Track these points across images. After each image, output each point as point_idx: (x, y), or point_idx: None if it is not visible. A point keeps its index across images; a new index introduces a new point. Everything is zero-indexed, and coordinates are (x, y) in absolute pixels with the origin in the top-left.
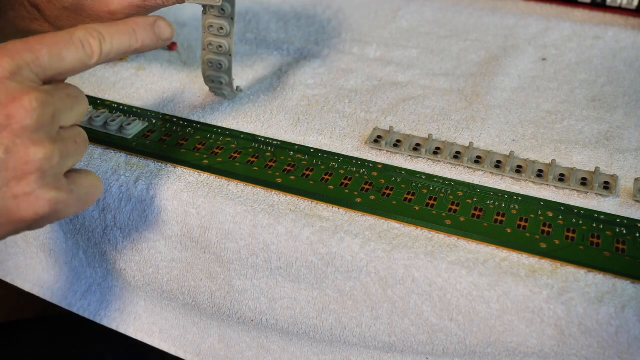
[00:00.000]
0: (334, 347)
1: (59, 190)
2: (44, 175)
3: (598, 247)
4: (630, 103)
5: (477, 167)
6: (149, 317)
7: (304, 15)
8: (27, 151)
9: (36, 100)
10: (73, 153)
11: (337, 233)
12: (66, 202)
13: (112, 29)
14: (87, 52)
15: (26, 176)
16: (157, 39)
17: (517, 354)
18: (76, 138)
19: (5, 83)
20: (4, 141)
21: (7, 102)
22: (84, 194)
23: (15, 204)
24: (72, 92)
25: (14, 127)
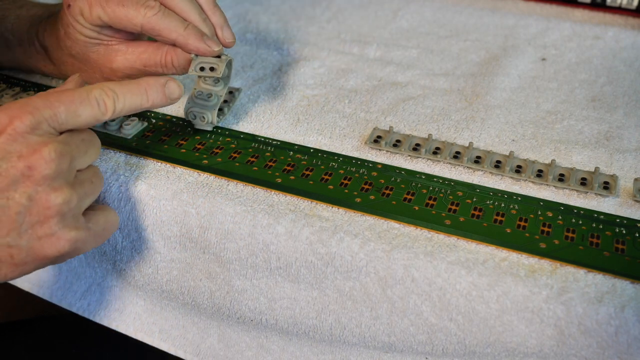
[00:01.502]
0: (334, 347)
1: (78, 229)
2: (63, 218)
3: (598, 247)
4: (630, 103)
5: (477, 167)
6: (149, 317)
7: (304, 16)
8: (48, 197)
9: (54, 151)
10: (90, 192)
11: (337, 233)
12: (84, 239)
13: (125, 89)
14: (101, 109)
15: (48, 220)
16: (167, 99)
17: (516, 354)
18: (92, 178)
19: (26, 137)
20: (27, 190)
21: (28, 154)
22: (101, 229)
23: (39, 245)
24: (86, 136)
25: (35, 177)
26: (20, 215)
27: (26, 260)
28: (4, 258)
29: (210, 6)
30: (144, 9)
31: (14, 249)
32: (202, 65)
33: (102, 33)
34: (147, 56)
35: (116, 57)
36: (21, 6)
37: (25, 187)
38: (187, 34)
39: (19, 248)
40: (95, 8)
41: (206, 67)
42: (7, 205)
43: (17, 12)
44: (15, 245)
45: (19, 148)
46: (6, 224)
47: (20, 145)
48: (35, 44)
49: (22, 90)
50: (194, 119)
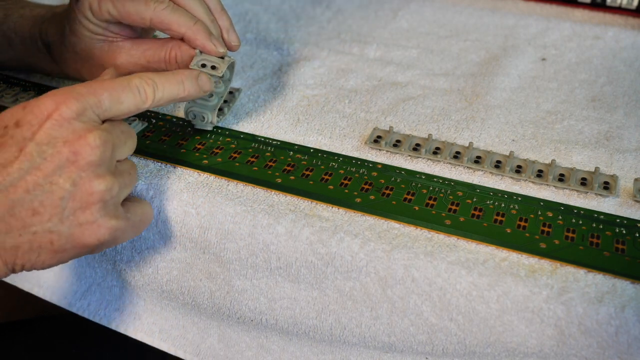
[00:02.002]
0: (334, 347)
1: (118, 218)
2: (105, 205)
3: (598, 247)
4: (630, 103)
5: (477, 167)
6: (149, 317)
7: (304, 15)
8: (91, 184)
9: (99, 138)
10: (128, 183)
11: (337, 233)
12: (124, 229)
13: (163, 78)
14: (142, 97)
15: (90, 206)
16: (200, 89)
17: (516, 354)
18: (130, 170)
19: (72, 123)
20: (71, 175)
21: (73, 140)
22: (138, 220)
23: (80, 232)
24: (125, 128)
25: (80, 163)
26: (64, 201)
27: (65, 247)
28: (44, 244)
29: (218, 9)
30: (154, 3)
31: (54, 235)
32: (204, 62)
33: (108, 29)
34: (151, 53)
35: (120, 54)
36: (24, 6)
37: (69, 172)
38: (197, 29)
39: (59, 234)
40: (105, 3)
41: (208, 65)
42: (51, 190)
43: (20, 12)
44: (56, 231)
45: (64, 133)
46: (49, 208)
47: (65, 131)
48: (37, 43)
49: (22, 90)
50: (194, 119)
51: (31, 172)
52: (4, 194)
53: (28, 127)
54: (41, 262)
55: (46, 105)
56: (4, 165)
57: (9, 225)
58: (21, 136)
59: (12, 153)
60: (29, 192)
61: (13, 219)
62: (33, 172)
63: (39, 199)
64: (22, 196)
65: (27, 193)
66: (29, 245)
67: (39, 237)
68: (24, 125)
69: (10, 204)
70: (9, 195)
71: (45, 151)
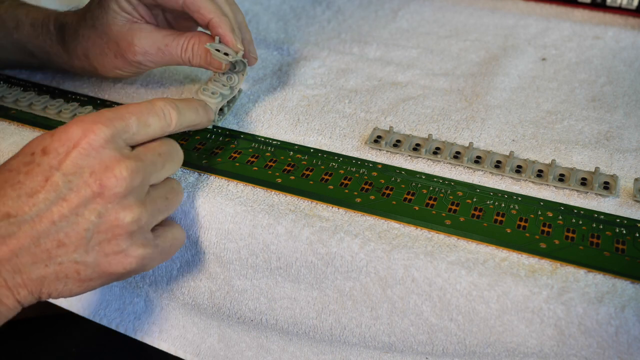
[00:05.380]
0: (334, 347)
1: (145, 247)
2: (132, 235)
3: (598, 247)
4: (630, 103)
5: (477, 167)
6: (149, 317)
7: (304, 16)
8: (117, 216)
9: (126, 169)
10: (163, 209)
11: (337, 233)
12: (152, 257)
13: (183, 103)
14: (167, 120)
15: (116, 237)
16: (209, 120)
17: (516, 354)
18: (167, 194)
19: (99, 151)
20: (97, 207)
21: (100, 171)
22: (168, 246)
23: (106, 262)
24: (164, 149)
25: (106, 195)
26: (89, 232)
27: (92, 277)
28: (70, 274)
29: (244, 24)
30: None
31: (80, 265)
32: (219, 48)
33: (137, 10)
34: (171, 39)
35: (140, 34)
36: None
37: (95, 204)
38: (224, 19)
39: (85, 264)
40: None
41: (222, 51)
42: (77, 222)
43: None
44: (82, 262)
45: (91, 163)
46: (74, 240)
47: (92, 160)
48: (49, 25)
49: (22, 90)
50: None
51: (57, 203)
52: (30, 224)
53: (55, 155)
54: (68, 290)
55: (74, 132)
56: (29, 195)
57: (34, 256)
58: (48, 164)
59: (38, 182)
60: (54, 224)
61: (39, 250)
62: (59, 203)
63: (64, 230)
64: (48, 227)
65: (53, 224)
66: (55, 275)
67: (64, 268)
68: (50, 152)
69: (35, 235)
70: (34, 226)
71: (71, 181)
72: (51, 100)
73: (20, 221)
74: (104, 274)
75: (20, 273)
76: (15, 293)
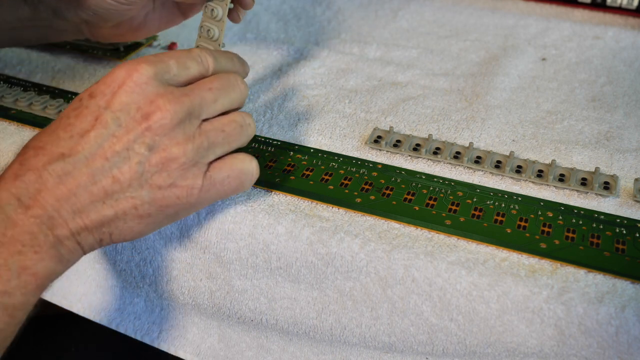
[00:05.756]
0: (334, 347)
1: (196, 178)
2: (182, 167)
3: (598, 247)
4: (630, 103)
5: (477, 167)
6: (149, 317)
7: (304, 16)
8: (167, 148)
9: (169, 102)
10: (221, 142)
11: (337, 233)
12: (205, 188)
13: (219, 52)
14: (205, 65)
15: (167, 169)
16: (244, 70)
17: (516, 354)
18: (224, 127)
19: (144, 88)
20: (146, 140)
21: (146, 105)
22: (225, 176)
23: (160, 195)
24: (216, 84)
25: (153, 127)
26: (141, 166)
27: (149, 212)
28: (128, 210)
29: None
30: None
31: (136, 200)
32: None
33: None
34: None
35: None
36: None
37: (144, 138)
38: None
39: (141, 199)
40: None
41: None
42: (128, 157)
43: None
44: (138, 196)
45: (137, 99)
46: (128, 175)
47: (138, 97)
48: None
49: (22, 90)
50: None
51: (108, 140)
52: (84, 163)
53: (102, 96)
54: (129, 229)
55: (118, 74)
56: (81, 135)
57: (92, 194)
58: (96, 105)
59: (88, 122)
60: (107, 160)
61: (95, 188)
62: (110, 140)
63: (118, 166)
64: (102, 164)
65: (106, 161)
66: (114, 212)
67: (122, 204)
68: (97, 95)
69: (91, 173)
70: (89, 164)
71: (119, 118)
72: (51, 100)
73: (75, 160)
74: (160, 209)
75: (79, 213)
76: (76, 234)
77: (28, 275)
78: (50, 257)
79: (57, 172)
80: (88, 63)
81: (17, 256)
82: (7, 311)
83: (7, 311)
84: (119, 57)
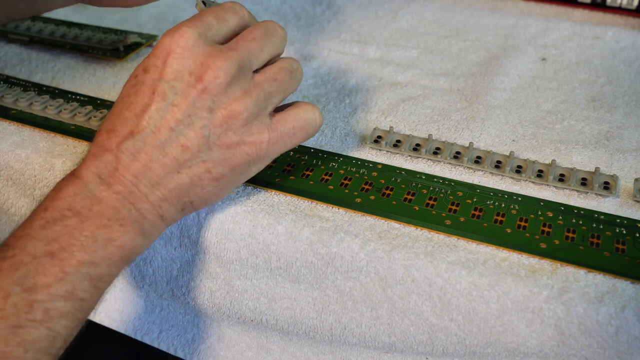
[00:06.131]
0: (334, 347)
1: (262, 132)
2: (246, 123)
3: (598, 247)
4: (630, 103)
5: (477, 167)
6: (149, 317)
7: (304, 16)
8: (227, 106)
9: (220, 60)
10: (275, 91)
11: (337, 233)
12: (273, 140)
13: None
14: (240, 14)
15: (231, 127)
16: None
17: (516, 354)
18: (275, 75)
19: (192, 51)
20: (205, 103)
21: (197, 68)
22: (290, 128)
23: (230, 153)
24: (257, 34)
25: (209, 88)
26: (206, 129)
27: (223, 173)
28: (202, 174)
29: None
30: None
31: (208, 163)
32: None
33: None
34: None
35: None
36: None
37: (203, 101)
38: None
39: (213, 161)
40: None
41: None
42: (191, 122)
43: None
44: (209, 159)
45: (187, 64)
46: (195, 140)
47: (187, 61)
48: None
49: (22, 90)
50: None
51: (169, 110)
52: (152, 136)
53: (154, 69)
54: (207, 193)
55: (164, 43)
56: (143, 110)
57: (165, 166)
58: (151, 79)
59: (147, 97)
60: (172, 130)
61: (167, 159)
62: (171, 110)
63: (184, 133)
64: (168, 134)
65: (172, 131)
66: (190, 179)
67: (195, 170)
68: (150, 69)
69: (160, 145)
70: (156, 136)
71: (175, 86)
72: (51, 100)
73: (143, 136)
74: (233, 167)
75: (157, 186)
76: (157, 207)
77: (114, 247)
78: (135, 230)
79: (129, 149)
80: (88, 63)
81: (103, 229)
82: (92, 282)
83: (92, 282)
84: (119, 57)
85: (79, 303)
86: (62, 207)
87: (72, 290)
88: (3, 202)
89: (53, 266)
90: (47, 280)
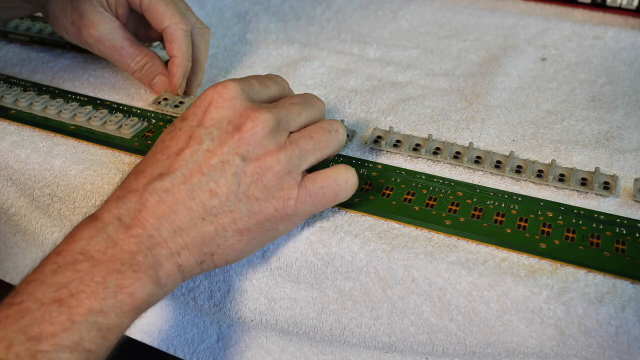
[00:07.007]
0: (334, 347)
1: (291, 189)
2: (277, 177)
3: (598, 247)
4: (630, 103)
5: (477, 167)
6: (148, 317)
7: (304, 16)
8: (260, 157)
9: (259, 112)
10: (311, 149)
11: (337, 233)
12: (301, 199)
13: None
14: (281, 85)
15: (262, 180)
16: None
17: (516, 354)
18: (312, 134)
19: (233, 102)
20: (239, 150)
21: (236, 117)
22: (318, 188)
23: (258, 206)
24: (297, 100)
25: (245, 137)
26: (237, 177)
27: (248, 225)
28: (227, 225)
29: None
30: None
31: (235, 214)
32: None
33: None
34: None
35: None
36: None
37: (237, 149)
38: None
39: (239, 212)
40: None
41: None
42: (223, 169)
43: None
44: (236, 209)
45: (227, 113)
46: (224, 187)
47: (228, 111)
48: None
49: (22, 90)
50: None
51: (203, 155)
52: (182, 179)
53: (193, 117)
54: (230, 247)
55: (207, 95)
56: (177, 153)
57: (191, 210)
58: (189, 126)
59: (183, 141)
60: (204, 174)
61: (194, 203)
62: (204, 155)
63: (214, 179)
64: (199, 179)
65: (203, 175)
66: (214, 228)
67: (220, 219)
68: (189, 117)
69: (189, 188)
70: (186, 180)
71: (212, 133)
72: (51, 101)
73: (173, 178)
74: (259, 222)
75: (179, 231)
76: (176, 254)
77: (124, 294)
78: (149, 278)
79: (156, 190)
80: (88, 63)
81: (115, 274)
82: (100, 332)
83: (100, 332)
84: None
85: (86, 355)
86: (76, 250)
87: (79, 341)
88: (3, 202)
89: (60, 314)
90: (53, 329)
